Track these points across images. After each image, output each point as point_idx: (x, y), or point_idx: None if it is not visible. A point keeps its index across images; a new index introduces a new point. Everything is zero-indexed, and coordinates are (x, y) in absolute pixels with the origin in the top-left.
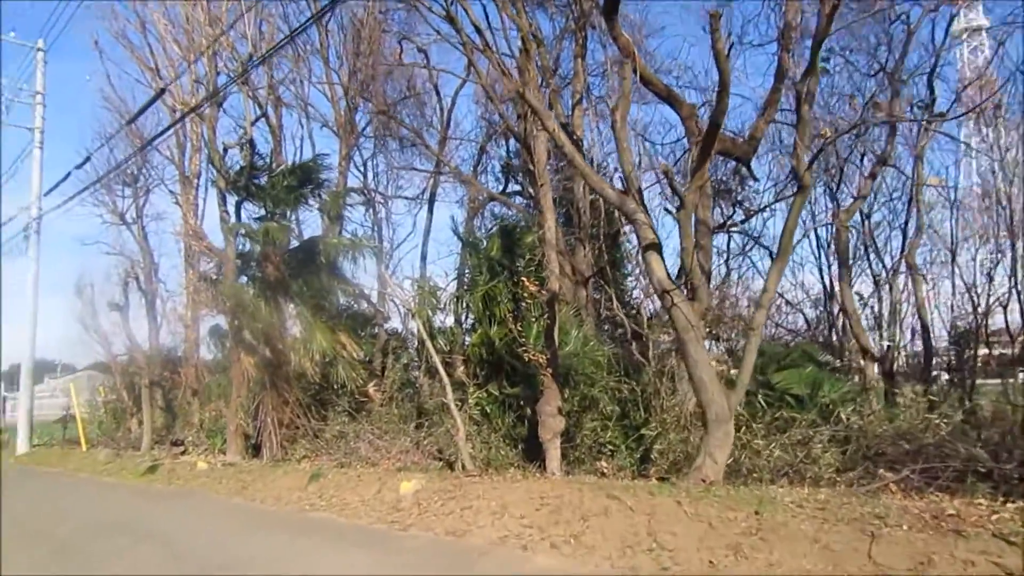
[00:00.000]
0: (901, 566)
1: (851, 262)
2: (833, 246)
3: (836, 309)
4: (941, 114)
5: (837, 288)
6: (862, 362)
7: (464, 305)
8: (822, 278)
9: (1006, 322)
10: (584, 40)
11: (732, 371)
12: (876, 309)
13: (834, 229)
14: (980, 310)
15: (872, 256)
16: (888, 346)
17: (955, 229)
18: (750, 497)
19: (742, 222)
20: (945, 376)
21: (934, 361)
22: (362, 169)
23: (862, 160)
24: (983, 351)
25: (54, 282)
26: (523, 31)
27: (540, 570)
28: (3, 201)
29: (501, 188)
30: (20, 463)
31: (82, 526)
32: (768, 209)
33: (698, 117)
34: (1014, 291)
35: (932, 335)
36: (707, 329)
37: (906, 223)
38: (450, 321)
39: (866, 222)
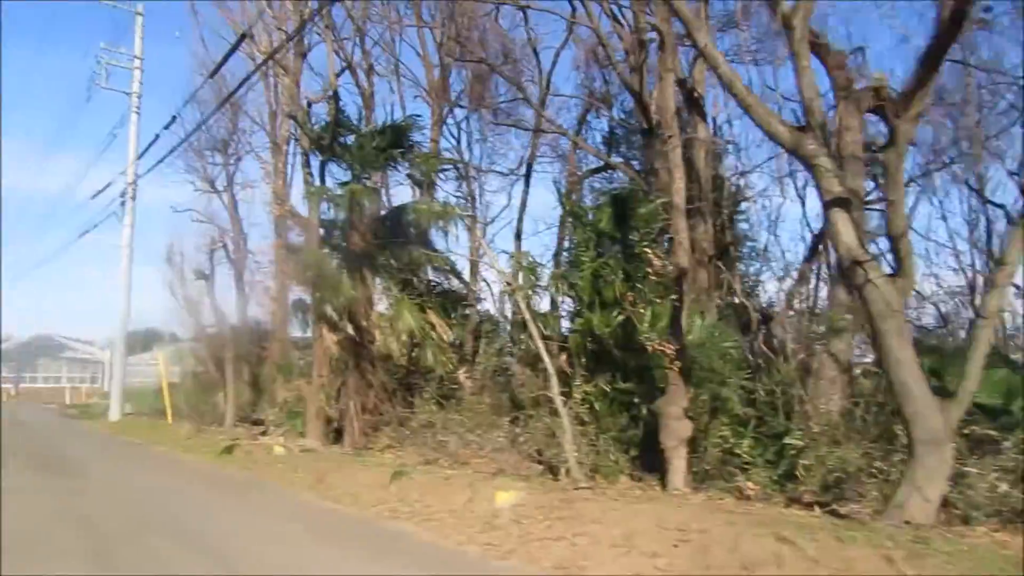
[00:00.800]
0: None
1: None
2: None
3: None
4: None
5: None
6: None
7: (566, 286)
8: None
9: None
10: None
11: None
12: None
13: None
14: None
15: None
16: None
17: None
18: (991, 554)
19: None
20: None
21: None
22: (455, 138)
23: None
24: None
25: (155, 252)
26: None
27: None
28: (101, 169)
29: (603, 161)
30: (107, 431)
31: (132, 520)
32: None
33: (847, 67)
34: None
35: None
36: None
37: None
38: (544, 304)
39: None
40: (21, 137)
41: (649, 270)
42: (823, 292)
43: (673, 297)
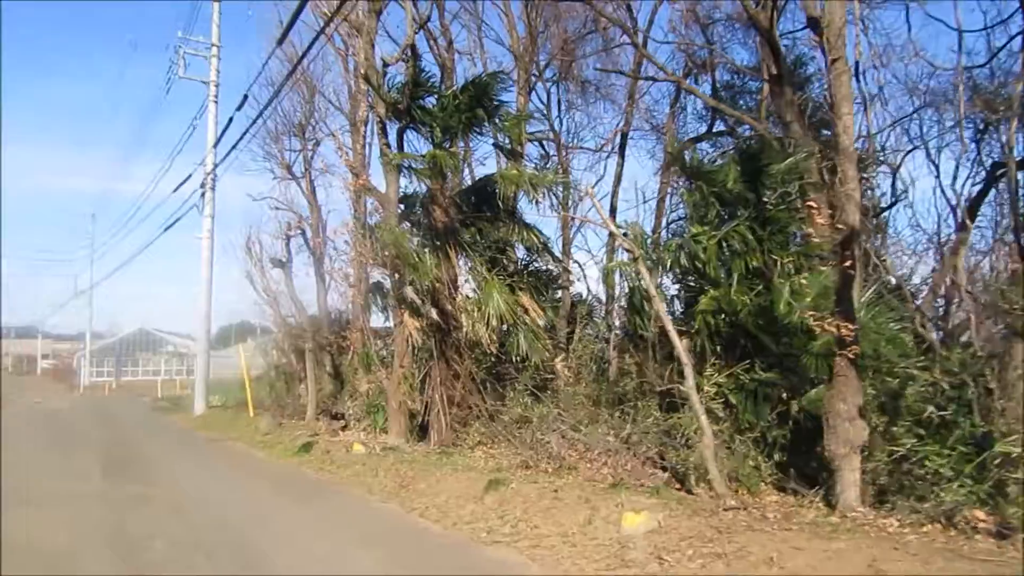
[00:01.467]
0: None
1: None
2: None
3: None
4: None
5: None
6: None
7: (684, 258)
8: None
9: None
10: None
11: None
12: None
13: None
14: None
15: None
16: None
17: None
18: None
19: None
20: None
21: None
22: (543, 105)
23: None
24: None
25: (237, 244)
26: None
27: None
28: (180, 161)
29: (707, 129)
30: (188, 425)
31: (186, 538)
32: None
33: None
34: None
35: None
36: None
37: None
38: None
39: None
40: (109, 143)
41: (810, 231)
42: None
43: (846, 265)
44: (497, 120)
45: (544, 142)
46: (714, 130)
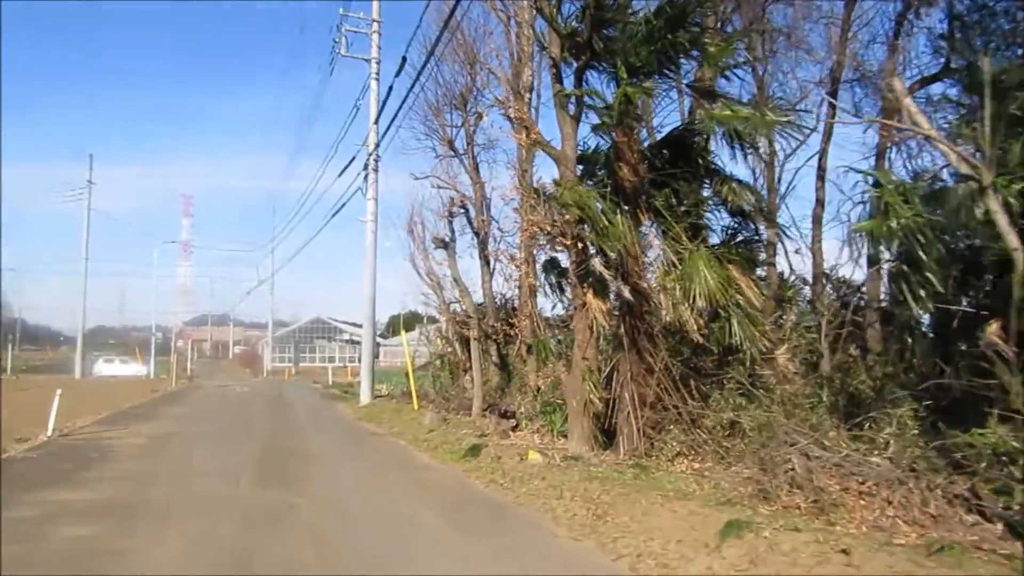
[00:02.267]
0: None
1: None
2: None
3: None
4: None
5: None
6: None
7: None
8: None
9: None
10: None
11: None
12: None
13: None
14: None
15: None
16: None
17: None
18: None
19: None
20: None
21: None
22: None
23: None
24: None
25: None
26: None
27: None
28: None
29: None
30: (353, 416)
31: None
32: None
33: None
34: None
35: None
36: None
37: None
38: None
39: None
40: (284, 147)
41: None
42: None
43: None
44: (697, 51)
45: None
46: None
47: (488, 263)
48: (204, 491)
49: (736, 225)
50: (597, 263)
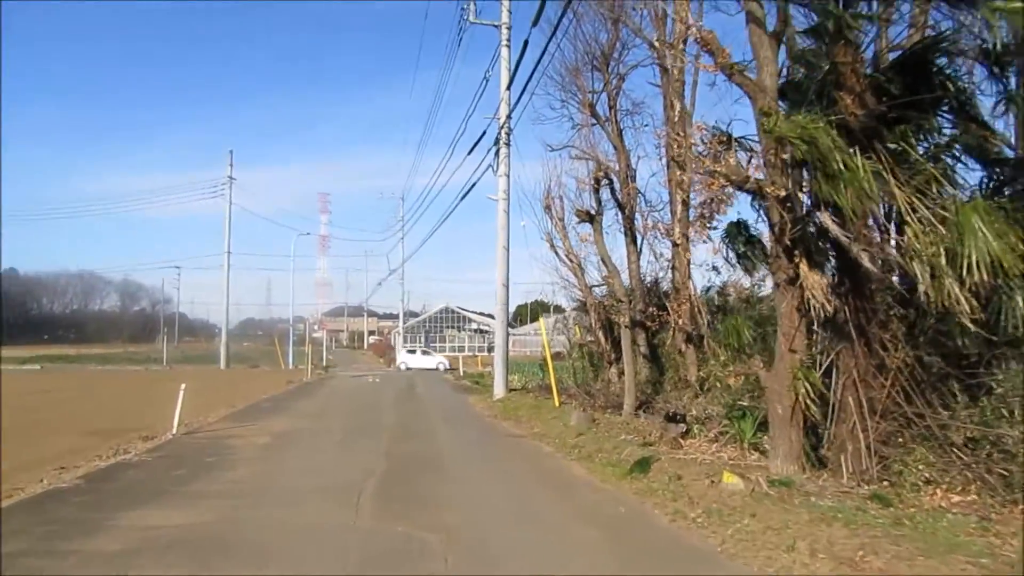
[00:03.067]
0: None
1: None
2: None
3: None
4: None
5: None
6: None
7: None
8: None
9: None
10: None
11: None
12: None
13: None
14: None
15: None
16: None
17: None
18: None
19: None
20: None
21: None
22: None
23: None
24: None
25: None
26: None
27: None
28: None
29: None
30: (487, 412)
31: None
32: None
33: None
34: None
35: None
36: None
37: None
38: None
39: None
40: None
41: None
42: None
43: None
44: None
45: None
46: None
47: (635, 240)
48: (314, 520)
49: (996, 175)
50: (827, 218)
